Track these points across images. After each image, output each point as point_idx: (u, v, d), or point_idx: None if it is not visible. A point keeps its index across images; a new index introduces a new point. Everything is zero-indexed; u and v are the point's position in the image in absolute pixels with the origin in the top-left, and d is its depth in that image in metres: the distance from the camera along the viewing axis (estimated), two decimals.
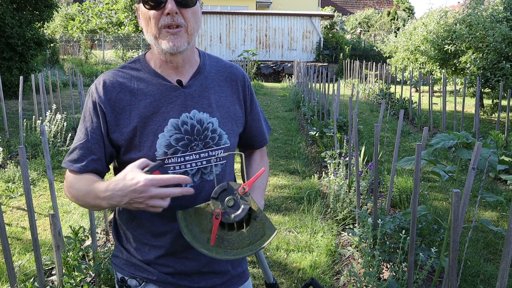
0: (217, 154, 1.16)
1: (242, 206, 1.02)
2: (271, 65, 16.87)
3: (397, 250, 2.67)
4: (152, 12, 1.04)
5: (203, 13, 17.19)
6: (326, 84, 7.34)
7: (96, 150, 1.10)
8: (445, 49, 8.94)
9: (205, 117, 1.13)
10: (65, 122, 5.83)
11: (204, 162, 1.13)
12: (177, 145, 1.10)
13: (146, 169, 0.97)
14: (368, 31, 25.09)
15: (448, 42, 8.88)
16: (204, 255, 1.19)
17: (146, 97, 1.10)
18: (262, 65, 16.67)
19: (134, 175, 0.94)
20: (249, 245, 1.02)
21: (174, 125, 1.10)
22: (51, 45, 11.92)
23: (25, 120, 5.96)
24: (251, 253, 1.00)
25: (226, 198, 1.03)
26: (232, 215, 1.01)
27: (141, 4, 1.06)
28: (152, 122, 1.09)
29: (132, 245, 1.19)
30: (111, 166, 1.22)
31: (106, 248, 2.98)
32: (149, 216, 1.15)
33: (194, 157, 1.12)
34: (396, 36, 12.77)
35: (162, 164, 1.03)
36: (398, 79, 11.31)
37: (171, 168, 1.11)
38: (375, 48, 15.25)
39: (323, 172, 4.52)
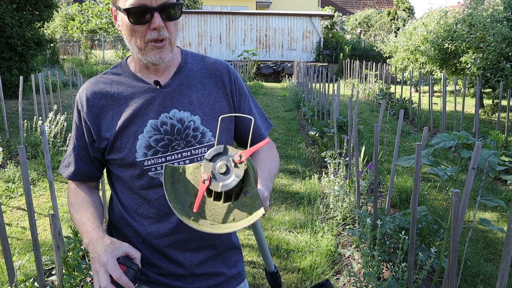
0: (202, 153, 1.13)
1: (233, 176, 0.88)
2: (271, 65, 16.86)
3: (397, 250, 2.67)
4: (138, 26, 1.03)
5: (203, 13, 17.21)
6: (326, 84, 7.35)
7: (84, 157, 1.17)
8: (445, 47, 8.94)
9: (186, 115, 1.12)
10: (65, 122, 5.84)
11: (187, 161, 1.12)
12: (157, 146, 1.10)
13: (119, 257, 0.98)
14: (368, 31, 25.10)
15: (448, 42, 8.88)
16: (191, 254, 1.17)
17: (126, 101, 1.12)
18: (262, 65, 16.67)
19: (107, 252, 0.98)
20: (232, 222, 0.90)
21: (153, 126, 1.10)
22: (51, 45, 11.93)
23: (25, 120, 5.96)
24: (228, 231, 0.89)
25: (219, 163, 0.90)
26: (221, 183, 0.88)
27: (123, 14, 1.03)
28: (132, 124, 1.10)
29: None
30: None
31: None
32: (136, 216, 1.15)
33: (176, 156, 1.12)
34: (396, 36, 12.77)
35: (135, 268, 0.99)
36: (398, 79, 11.32)
37: (152, 169, 1.10)
38: (375, 48, 15.26)
39: (323, 172, 4.52)
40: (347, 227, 3.45)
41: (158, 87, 1.12)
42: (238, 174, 0.89)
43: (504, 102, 8.26)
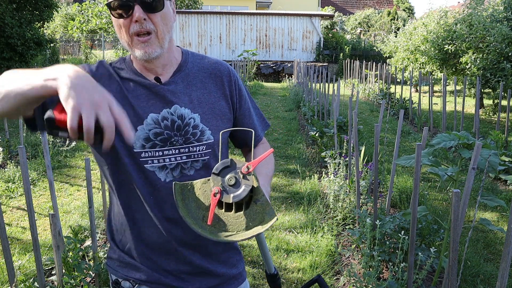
0: (199, 150, 1.14)
1: (243, 187, 0.94)
2: (271, 65, 16.86)
3: (397, 250, 2.67)
4: (121, 20, 1.04)
5: (203, 13, 17.20)
6: (326, 84, 7.34)
7: None
8: (445, 49, 8.94)
9: (186, 112, 1.13)
10: None
11: (184, 157, 1.13)
12: (156, 140, 1.10)
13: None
14: (368, 31, 25.09)
15: (448, 42, 8.88)
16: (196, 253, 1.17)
17: (128, 92, 1.12)
18: (262, 65, 16.67)
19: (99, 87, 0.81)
20: (245, 230, 0.94)
21: (154, 120, 1.10)
22: (51, 45, 11.91)
23: None
24: (245, 239, 0.93)
25: (227, 176, 0.95)
26: (232, 195, 0.94)
27: (110, 11, 1.06)
28: (132, 115, 1.10)
29: (125, 243, 1.19)
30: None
31: (106, 248, 2.98)
32: (132, 212, 1.15)
33: (173, 152, 1.12)
34: (396, 36, 12.77)
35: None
36: (398, 79, 11.32)
37: (149, 161, 1.11)
38: (375, 48, 15.25)
39: (323, 172, 4.52)
40: (347, 227, 3.45)
41: (159, 83, 1.13)
42: (248, 184, 0.94)
43: (504, 102, 8.26)
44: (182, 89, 1.15)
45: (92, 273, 2.50)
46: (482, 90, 8.52)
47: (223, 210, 0.97)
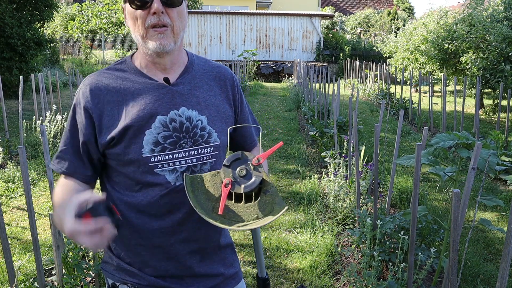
0: (208, 152, 1.14)
1: (254, 178, 0.97)
2: (271, 65, 16.86)
3: (397, 250, 2.66)
4: (139, 12, 1.04)
5: (203, 13, 17.20)
6: (326, 84, 7.34)
7: (79, 155, 1.12)
8: (445, 47, 8.93)
9: (194, 114, 1.13)
10: (65, 122, 5.83)
11: (194, 160, 1.12)
12: (165, 143, 1.09)
13: (76, 214, 0.87)
14: (368, 31, 25.09)
15: (448, 41, 8.88)
16: (197, 253, 1.18)
17: (133, 96, 1.10)
18: (262, 65, 16.67)
19: (67, 219, 0.87)
20: (256, 219, 0.96)
21: (162, 122, 1.09)
22: (51, 45, 11.91)
23: (25, 120, 5.96)
24: (256, 227, 0.94)
25: (238, 168, 0.98)
26: (243, 185, 0.96)
27: (128, 4, 1.06)
28: (140, 119, 1.08)
29: (121, 250, 1.17)
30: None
31: None
32: (137, 214, 1.13)
33: (183, 154, 1.11)
34: (396, 36, 12.77)
35: (97, 205, 0.87)
36: (398, 79, 11.31)
37: (159, 166, 1.09)
38: (375, 48, 15.25)
39: (323, 172, 4.52)
40: (347, 227, 3.45)
41: (167, 84, 1.13)
42: (258, 175, 0.97)
43: (504, 103, 8.26)
44: (189, 91, 1.15)
45: (92, 273, 2.50)
46: (482, 90, 8.52)
47: (233, 201, 0.98)
